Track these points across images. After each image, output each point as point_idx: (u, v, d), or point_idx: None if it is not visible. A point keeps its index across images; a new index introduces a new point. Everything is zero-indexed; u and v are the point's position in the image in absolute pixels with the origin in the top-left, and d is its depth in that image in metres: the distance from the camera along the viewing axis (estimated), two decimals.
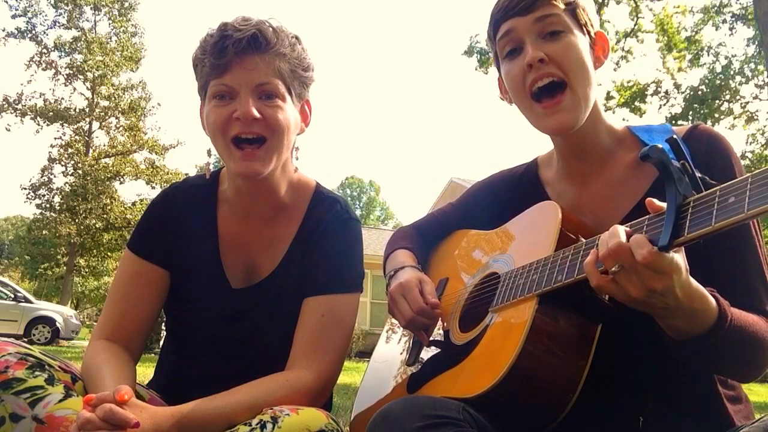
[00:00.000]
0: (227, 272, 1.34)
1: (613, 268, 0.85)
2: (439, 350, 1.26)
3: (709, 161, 1.06)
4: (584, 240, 0.99)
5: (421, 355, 1.31)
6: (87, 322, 29.35)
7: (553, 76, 1.09)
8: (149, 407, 1.03)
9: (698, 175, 0.84)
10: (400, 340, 1.47)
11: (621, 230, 0.86)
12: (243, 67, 1.20)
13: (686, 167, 0.84)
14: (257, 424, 1.02)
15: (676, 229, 0.81)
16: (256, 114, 1.20)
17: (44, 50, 25.44)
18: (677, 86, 15.70)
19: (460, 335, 1.19)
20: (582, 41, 1.11)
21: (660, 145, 0.84)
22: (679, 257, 0.84)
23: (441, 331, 1.27)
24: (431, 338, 1.28)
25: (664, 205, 0.84)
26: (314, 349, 1.22)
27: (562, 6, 1.10)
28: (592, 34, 1.14)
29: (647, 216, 0.87)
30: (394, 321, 1.42)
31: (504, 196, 1.35)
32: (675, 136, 0.90)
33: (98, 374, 1.16)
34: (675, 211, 0.81)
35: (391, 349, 1.49)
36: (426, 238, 1.53)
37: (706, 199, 0.80)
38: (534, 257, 1.07)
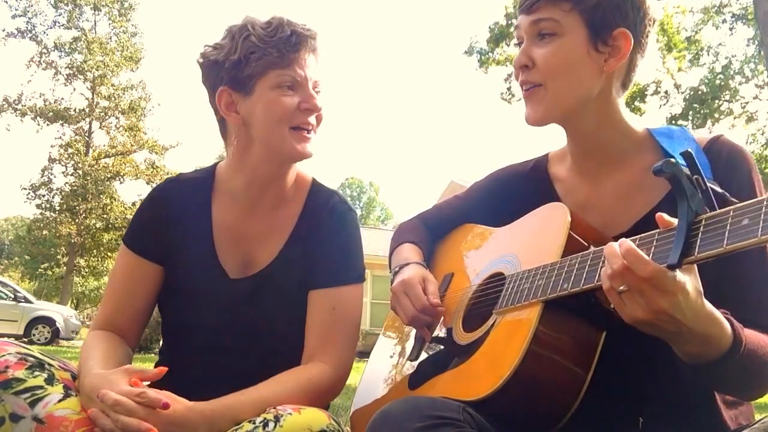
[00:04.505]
0: (224, 263, 1.36)
1: (620, 288, 0.84)
2: (442, 348, 1.26)
3: (728, 175, 1.04)
4: (592, 248, 0.98)
5: (423, 352, 1.31)
6: (87, 322, 29.29)
7: (533, 83, 1.12)
8: (182, 400, 1.08)
9: (718, 190, 0.82)
10: (402, 335, 1.47)
11: (626, 247, 0.84)
12: (308, 62, 1.30)
13: (700, 183, 0.82)
14: (260, 423, 1.03)
15: (686, 247, 0.79)
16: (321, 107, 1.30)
17: (44, 50, 25.40)
18: (677, 86, 15.73)
19: (464, 335, 1.19)
20: (577, 45, 1.08)
21: (673, 160, 0.83)
22: (686, 277, 0.82)
23: (444, 329, 1.27)
24: (434, 335, 1.28)
25: (674, 220, 0.83)
26: (330, 342, 1.26)
27: (567, 7, 1.08)
28: (605, 33, 1.08)
29: (657, 230, 0.86)
30: (396, 316, 1.42)
31: (512, 191, 1.34)
32: (690, 150, 0.87)
33: (86, 355, 1.22)
34: (686, 229, 0.79)
35: (393, 344, 1.49)
36: (432, 231, 1.52)
37: (718, 219, 0.78)
38: (540, 260, 1.07)
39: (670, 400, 1.04)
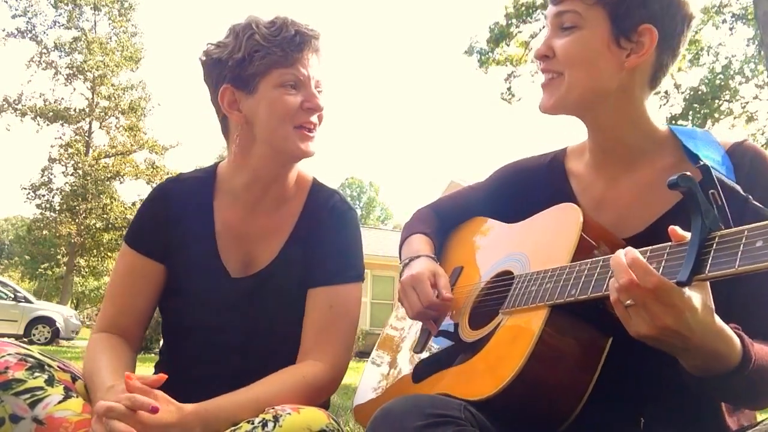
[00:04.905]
0: (225, 262, 1.36)
1: (627, 302, 0.83)
2: (447, 343, 1.26)
3: (752, 179, 1.02)
4: (603, 254, 0.97)
5: (428, 345, 1.31)
6: (87, 322, 29.33)
7: (552, 72, 1.12)
8: (174, 401, 1.06)
9: (741, 192, 0.80)
10: (408, 327, 1.46)
11: (631, 256, 0.82)
12: (311, 62, 1.31)
13: (715, 198, 0.82)
14: (259, 423, 1.03)
15: (697, 264, 0.77)
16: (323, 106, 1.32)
17: (44, 50, 25.43)
18: (677, 86, 15.69)
19: (469, 332, 1.18)
20: (597, 38, 1.07)
21: (689, 174, 0.82)
22: (696, 294, 0.81)
23: (451, 322, 1.27)
24: (440, 329, 1.27)
25: (687, 234, 0.81)
26: (326, 340, 1.26)
27: (591, 0, 1.06)
28: (628, 28, 1.05)
29: (669, 243, 0.85)
30: (402, 308, 1.41)
31: (527, 183, 1.32)
32: (707, 163, 0.86)
33: (95, 365, 1.20)
34: (698, 246, 0.78)
35: (399, 336, 1.49)
36: (445, 223, 1.50)
37: (731, 238, 0.76)
38: (550, 261, 1.06)
39: (672, 401, 1.03)
